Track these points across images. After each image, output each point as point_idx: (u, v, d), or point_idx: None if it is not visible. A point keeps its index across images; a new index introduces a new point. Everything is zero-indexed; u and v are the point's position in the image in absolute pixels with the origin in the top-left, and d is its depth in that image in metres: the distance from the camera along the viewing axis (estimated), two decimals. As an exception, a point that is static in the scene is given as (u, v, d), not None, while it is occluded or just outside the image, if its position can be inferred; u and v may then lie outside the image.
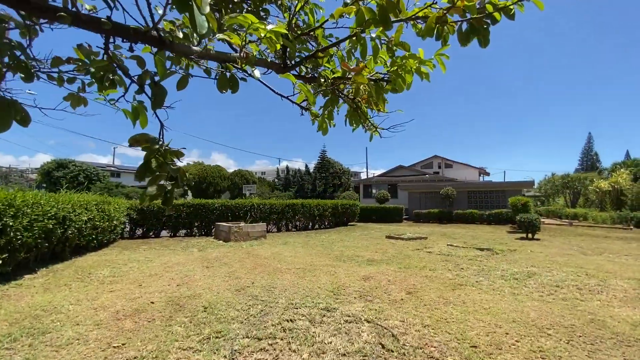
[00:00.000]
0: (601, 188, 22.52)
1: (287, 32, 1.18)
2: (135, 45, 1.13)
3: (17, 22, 1.16)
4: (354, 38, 1.25)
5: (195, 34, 1.22)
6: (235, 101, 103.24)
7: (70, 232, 6.40)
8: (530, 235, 11.48)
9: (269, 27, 1.08)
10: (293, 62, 1.34)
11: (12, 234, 4.77)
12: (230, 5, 1.46)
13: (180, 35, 1.23)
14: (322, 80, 1.31)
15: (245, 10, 1.56)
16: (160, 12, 1.10)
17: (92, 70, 1.23)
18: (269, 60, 1.34)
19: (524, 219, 11.33)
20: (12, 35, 1.17)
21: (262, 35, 1.07)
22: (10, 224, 4.74)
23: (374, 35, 1.29)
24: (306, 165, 41.78)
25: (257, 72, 1.16)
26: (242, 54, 1.10)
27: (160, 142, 1.11)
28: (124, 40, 1.14)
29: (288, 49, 1.26)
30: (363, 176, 47.17)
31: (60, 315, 3.52)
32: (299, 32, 1.40)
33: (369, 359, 2.69)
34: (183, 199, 26.47)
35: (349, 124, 1.60)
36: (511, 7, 1.22)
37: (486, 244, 9.71)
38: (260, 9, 1.56)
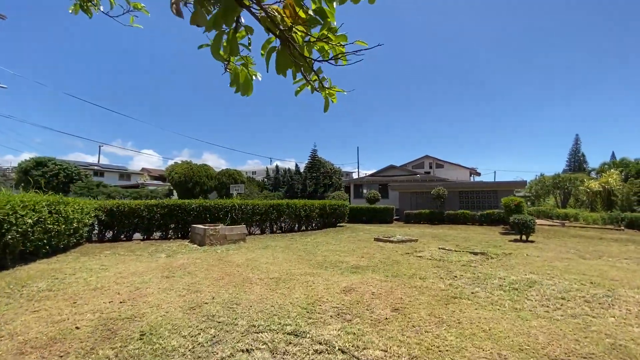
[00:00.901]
0: (592, 188, 22.41)
1: None
2: None
3: None
4: None
5: None
6: (230, 99, 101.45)
7: (10, 236, 5.56)
8: (524, 237, 11.00)
9: None
10: None
11: None
12: None
13: None
14: None
15: None
16: None
17: None
18: None
19: (518, 220, 10.84)
20: None
21: None
22: None
23: None
24: (296, 165, 41.05)
25: None
26: None
27: None
28: None
29: None
30: (355, 176, 46.66)
31: (-49, 348, 2.75)
32: None
33: (337, 414, 2.01)
34: (167, 198, 25.48)
35: (277, 70, 0.93)
36: None
37: (479, 247, 9.17)
38: None
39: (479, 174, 44.22)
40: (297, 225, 14.14)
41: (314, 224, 15.16)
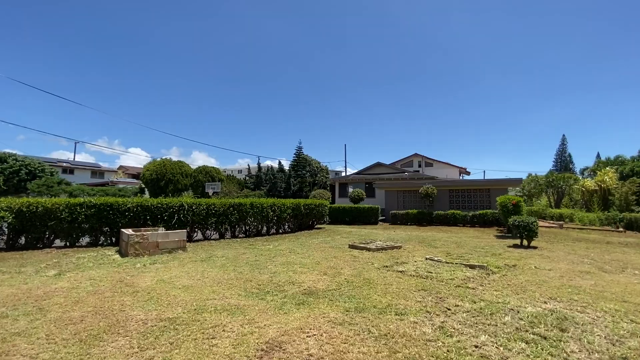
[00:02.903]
0: (587, 187, 21.22)
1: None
2: None
3: None
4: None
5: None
6: (222, 96, 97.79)
7: None
8: (525, 242, 9.40)
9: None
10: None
11: None
12: None
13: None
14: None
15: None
16: None
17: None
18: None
19: (519, 223, 9.22)
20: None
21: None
22: None
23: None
24: (279, 163, 39.05)
25: None
26: None
27: None
28: None
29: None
30: (344, 175, 44.94)
31: None
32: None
33: None
34: (134, 197, 23.24)
35: None
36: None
37: (475, 256, 7.48)
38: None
39: (468, 173, 43.13)
40: (265, 228, 12.25)
41: (286, 226, 13.30)
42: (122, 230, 7.90)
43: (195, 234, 10.23)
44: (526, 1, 63.21)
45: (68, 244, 8.66)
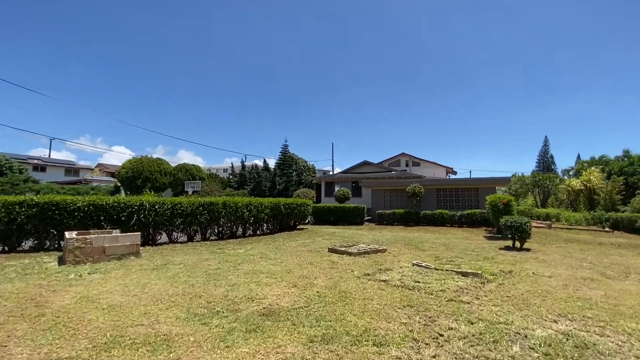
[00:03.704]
0: (573, 187, 21.12)
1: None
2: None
3: None
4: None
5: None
6: (219, 97, 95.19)
7: None
8: (517, 244, 8.80)
9: None
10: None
11: None
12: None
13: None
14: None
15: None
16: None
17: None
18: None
19: (512, 223, 8.61)
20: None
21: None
22: None
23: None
24: (264, 161, 37.94)
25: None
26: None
27: None
28: None
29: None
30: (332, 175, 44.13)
31: None
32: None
33: None
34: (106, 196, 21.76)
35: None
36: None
37: (467, 261, 6.78)
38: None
39: (455, 173, 43.06)
40: (241, 230, 11.29)
41: (265, 227, 12.38)
42: (65, 233, 6.83)
43: (160, 236, 9.21)
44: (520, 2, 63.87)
45: (7, 248, 7.53)
